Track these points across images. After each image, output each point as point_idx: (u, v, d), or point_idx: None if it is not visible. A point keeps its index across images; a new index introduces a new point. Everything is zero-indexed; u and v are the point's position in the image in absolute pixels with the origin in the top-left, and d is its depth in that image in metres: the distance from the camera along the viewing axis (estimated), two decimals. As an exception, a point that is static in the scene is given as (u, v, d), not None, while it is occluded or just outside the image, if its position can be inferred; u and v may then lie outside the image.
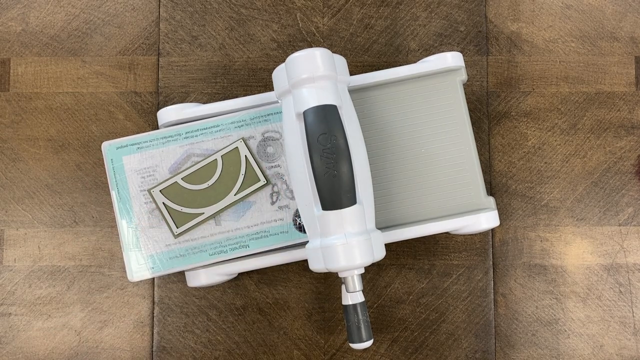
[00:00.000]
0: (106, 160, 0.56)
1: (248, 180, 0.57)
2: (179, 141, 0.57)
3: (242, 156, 0.57)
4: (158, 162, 0.57)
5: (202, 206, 0.57)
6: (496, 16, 0.68)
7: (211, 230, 0.57)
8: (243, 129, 0.57)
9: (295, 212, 0.57)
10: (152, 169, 0.56)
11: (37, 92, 0.67)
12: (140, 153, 0.57)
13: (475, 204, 0.58)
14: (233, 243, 0.57)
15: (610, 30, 0.68)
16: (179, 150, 0.57)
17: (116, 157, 0.56)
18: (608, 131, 0.67)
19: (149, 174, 0.56)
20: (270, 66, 0.67)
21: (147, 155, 0.57)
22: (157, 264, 0.56)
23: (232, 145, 0.57)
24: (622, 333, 0.65)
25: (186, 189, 0.57)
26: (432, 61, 0.59)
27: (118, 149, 0.56)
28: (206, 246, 0.56)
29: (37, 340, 0.64)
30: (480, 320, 0.65)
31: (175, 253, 0.56)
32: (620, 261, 0.65)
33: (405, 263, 0.65)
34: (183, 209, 0.56)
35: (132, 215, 0.56)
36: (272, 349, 0.64)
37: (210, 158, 0.57)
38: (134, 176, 0.56)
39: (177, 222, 0.56)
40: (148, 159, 0.57)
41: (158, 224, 0.56)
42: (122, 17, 0.67)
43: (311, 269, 0.53)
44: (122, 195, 0.56)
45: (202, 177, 0.57)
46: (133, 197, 0.56)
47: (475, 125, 0.66)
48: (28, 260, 0.65)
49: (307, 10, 0.67)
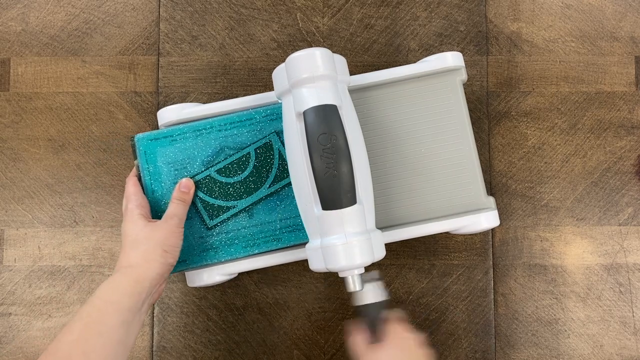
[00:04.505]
0: (139, 152, 0.56)
1: (281, 173, 0.57)
2: (213, 134, 0.57)
3: (276, 149, 0.57)
4: (192, 154, 0.57)
5: (235, 199, 0.57)
6: (496, 16, 0.68)
7: (244, 223, 0.57)
8: (276, 122, 0.58)
9: None
10: (185, 161, 0.57)
11: (37, 92, 0.66)
12: (174, 145, 0.57)
13: (476, 203, 0.58)
14: (266, 236, 0.57)
15: (610, 30, 0.68)
16: (212, 143, 0.57)
17: (150, 149, 0.57)
18: (608, 131, 0.67)
19: (183, 166, 0.57)
20: (270, 66, 0.67)
21: (181, 148, 0.57)
22: (189, 258, 0.56)
23: (266, 139, 0.57)
24: (622, 333, 0.65)
25: (219, 181, 0.57)
26: (432, 61, 0.59)
27: (152, 141, 0.57)
28: (239, 239, 0.57)
29: (37, 340, 0.64)
30: (480, 320, 0.65)
31: (208, 246, 0.56)
32: (620, 261, 0.65)
33: (405, 263, 0.65)
34: (216, 201, 0.57)
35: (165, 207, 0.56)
36: (272, 349, 0.64)
37: (243, 151, 0.57)
38: (167, 168, 0.57)
39: (211, 215, 0.56)
40: (182, 151, 0.57)
41: (191, 216, 0.56)
42: (122, 17, 0.67)
43: (311, 268, 0.53)
44: (156, 188, 0.56)
45: (235, 170, 0.57)
46: (167, 189, 0.56)
47: (475, 125, 0.66)
48: (28, 260, 0.65)
49: (307, 10, 0.67)
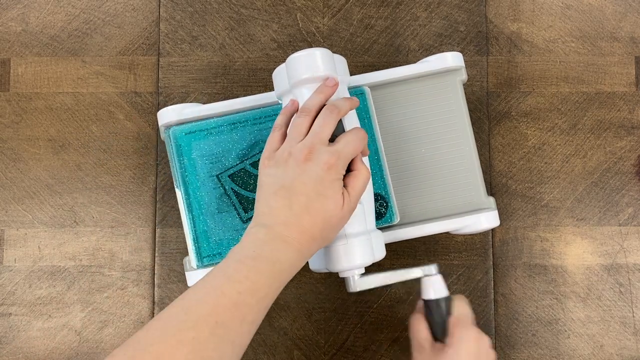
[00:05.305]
0: (173, 145, 0.57)
1: None
2: (247, 127, 0.57)
3: None
4: (227, 147, 0.57)
5: None
6: (496, 16, 0.68)
7: None
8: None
9: None
10: (220, 154, 0.57)
11: (37, 92, 0.67)
12: (209, 138, 0.57)
13: (476, 203, 0.58)
14: None
15: (610, 30, 0.68)
16: (247, 136, 0.57)
17: (185, 142, 0.57)
18: (608, 131, 0.67)
19: (217, 159, 0.57)
20: (270, 66, 0.67)
21: (216, 141, 0.57)
22: (224, 251, 0.56)
23: None
24: (622, 333, 0.65)
25: (254, 174, 0.57)
26: (432, 61, 0.59)
27: (187, 134, 0.57)
28: None
29: (37, 341, 0.64)
30: (480, 320, 0.65)
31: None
32: (620, 261, 0.65)
33: (406, 263, 0.65)
34: (250, 194, 0.57)
35: (201, 200, 0.56)
36: (272, 349, 0.64)
37: None
38: (202, 162, 0.57)
39: (245, 207, 0.57)
40: (217, 144, 0.57)
41: (227, 209, 0.56)
42: (122, 17, 0.67)
43: (311, 269, 0.53)
44: (191, 181, 0.56)
45: None
46: (201, 182, 0.56)
47: (475, 125, 0.66)
48: (28, 260, 0.65)
49: (307, 10, 0.67)
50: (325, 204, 0.44)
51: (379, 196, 0.56)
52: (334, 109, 0.47)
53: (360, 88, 0.57)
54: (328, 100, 0.48)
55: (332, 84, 0.48)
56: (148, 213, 0.65)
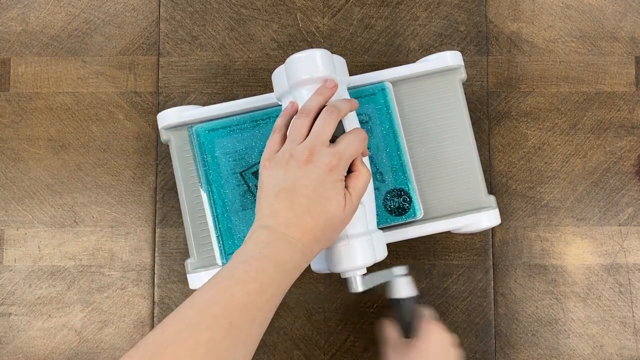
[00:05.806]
0: (197, 143, 0.57)
1: None
2: (270, 124, 0.57)
3: None
4: (250, 144, 0.57)
5: None
6: (496, 16, 0.68)
7: None
8: None
9: (385, 195, 0.56)
10: (243, 151, 0.57)
11: (37, 92, 0.66)
12: (232, 136, 0.57)
13: (476, 202, 0.58)
14: None
15: (610, 30, 0.68)
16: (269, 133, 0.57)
17: (209, 140, 0.57)
18: (608, 131, 0.67)
19: (241, 156, 0.57)
20: (270, 66, 0.67)
21: (239, 138, 0.57)
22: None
23: None
24: (622, 333, 0.65)
25: None
26: (431, 60, 0.59)
27: (210, 132, 0.57)
28: None
29: (37, 340, 0.64)
30: (480, 320, 0.65)
31: None
32: (620, 261, 0.65)
33: (406, 263, 0.65)
34: None
35: (225, 198, 0.56)
36: (272, 349, 0.64)
37: None
38: (226, 159, 0.57)
39: None
40: (240, 141, 0.57)
41: (250, 206, 0.57)
42: (122, 17, 0.67)
43: (313, 269, 0.53)
44: (214, 178, 0.56)
45: None
46: (225, 180, 0.56)
47: (475, 125, 0.66)
48: (28, 260, 0.65)
49: (307, 10, 0.67)
50: (327, 205, 0.44)
51: (402, 191, 0.56)
52: (334, 110, 0.46)
53: (382, 84, 0.57)
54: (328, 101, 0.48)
55: (332, 85, 0.48)
56: (148, 213, 0.65)
